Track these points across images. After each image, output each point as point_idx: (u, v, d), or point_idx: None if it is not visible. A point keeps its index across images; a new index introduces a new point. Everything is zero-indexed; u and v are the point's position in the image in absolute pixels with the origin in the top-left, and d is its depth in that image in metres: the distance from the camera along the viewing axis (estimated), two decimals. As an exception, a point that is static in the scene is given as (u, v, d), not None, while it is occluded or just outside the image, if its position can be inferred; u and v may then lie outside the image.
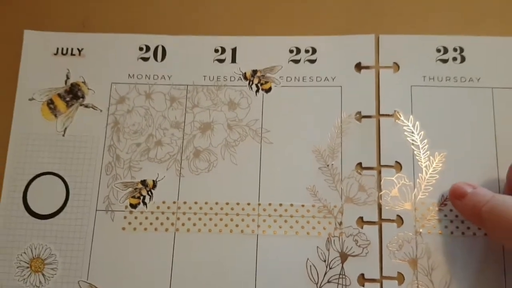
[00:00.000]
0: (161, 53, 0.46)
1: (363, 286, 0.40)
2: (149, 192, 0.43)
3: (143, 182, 0.43)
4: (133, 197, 0.43)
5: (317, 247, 0.41)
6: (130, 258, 0.42)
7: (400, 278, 0.40)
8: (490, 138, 0.42)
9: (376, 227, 0.41)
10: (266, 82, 0.45)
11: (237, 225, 0.42)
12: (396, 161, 0.42)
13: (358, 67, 0.45)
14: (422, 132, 0.43)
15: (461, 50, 0.45)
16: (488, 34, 0.45)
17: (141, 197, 0.43)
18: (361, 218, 0.41)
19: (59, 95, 0.46)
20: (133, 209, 0.43)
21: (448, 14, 0.46)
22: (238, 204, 0.42)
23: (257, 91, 0.45)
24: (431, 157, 0.42)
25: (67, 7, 0.48)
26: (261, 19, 0.47)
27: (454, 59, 0.44)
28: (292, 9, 0.47)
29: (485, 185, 0.41)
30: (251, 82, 0.45)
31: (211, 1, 0.48)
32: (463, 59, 0.44)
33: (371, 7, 0.47)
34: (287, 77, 0.45)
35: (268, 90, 0.45)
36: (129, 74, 0.46)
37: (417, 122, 0.43)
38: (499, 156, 0.42)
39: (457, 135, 0.43)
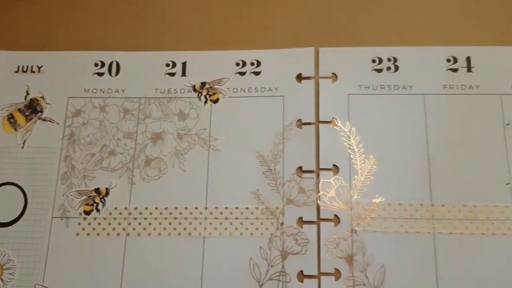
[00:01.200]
0: (115, 68, 0.50)
1: (302, 282, 0.43)
2: (102, 200, 0.46)
3: (97, 190, 0.46)
4: (87, 204, 0.46)
5: (260, 246, 0.44)
6: (84, 262, 0.44)
7: (337, 274, 0.43)
8: (422, 141, 0.46)
9: (315, 226, 0.44)
10: (214, 94, 0.49)
11: (185, 228, 0.45)
12: (334, 165, 0.46)
13: (299, 77, 0.49)
14: (358, 137, 0.46)
15: (395, 60, 0.48)
16: (419, 44, 0.49)
17: (95, 204, 0.46)
18: (301, 218, 0.44)
19: (19, 110, 0.49)
20: (87, 216, 0.46)
21: (383, 27, 0.50)
22: (186, 208, 0.45)
23: (206, 102, 0.48)
24: (366, 160, 0.46)
25: (28, 27, 0.52)
26: (209, 35, 0.51)
27: (388, 68, 0.48)
28: (238, 25, 0.51)
29: (417, 185, 0.44)
30: (200, 94, 0.49)
31: (162, 19, 0.52)
32: (396, 68, 0.48)
33: (311, 22, 0.50)
34: (233, 89, 0.49)
35: (216, 101, 0.48)
36: (85, 89, 0.49)
37: (353, 128, 0.47)
38: (430, 159, 0.45)
39: (390, 140, 0.46)
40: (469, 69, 0.48)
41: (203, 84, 0.49)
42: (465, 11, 0.50)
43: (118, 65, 0.50)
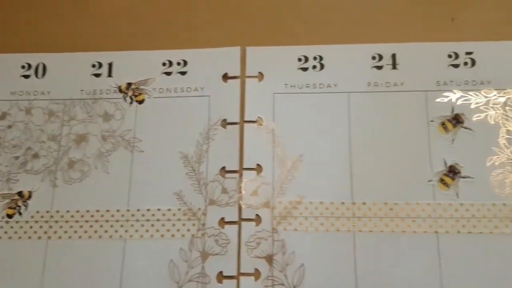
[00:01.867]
0: (41, 70, 0.50)
1: (221, 283, 0.43)
2: (25, 203, 0.46)
3: (20, 193, 0.46)
4: (10, 208, 0.46)
5: (181, 248, 0.44)
6: (5, 265, 0.44)
7: (257, 274, 0.43)
8: (345, 140, 0.46)
9: (236, 226, 0.44)
10: (139, 94, 0.49)
11: (106, 231, 0.45)
12: (258, 164, 0.46)
13: (225, 77, 0.48)
14: (282, 136, 0.47)
15: (321, 58, 0.49)
16: (345, 42, 0.49)
17: (17, 208, 0.46)
18: (223, 219, 0.44)
19: None
20: (9, 219, 0.45)
21: (309, 26, 0.50)
22: (108, 211, 0.45)
23: (131, 103, 0.48)
24: (289, 159, 0.46)
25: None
26: (136, 35, 0.51)
27: (314, 67, 0.48)
28: (165, 25, 0.51)
29: (338, 184, 0.44)
30: (125, 95, 0.49)
31: (89, 19, 0.51)
32: (322, 67, 0.48)
33: (239, 21, 0.50)
34: (159, 89, 0.49)
35: (141, 102, 0.48)
36: (11, 91, 0.49)
37: (278, 127, 0.47)
38: (353, 156, 0.46)
39: (314, 138, 0.46)
40: (394, 66, 0.48)
41: (129, 84, 0.49)
42: (390, 8, 0.50)
43: (44, 67, 0.50)
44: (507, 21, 0.48)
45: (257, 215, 0.45)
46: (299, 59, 0.49)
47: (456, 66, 0.47)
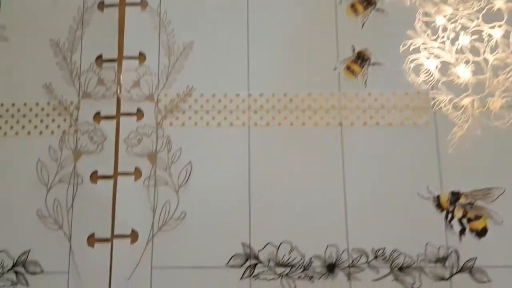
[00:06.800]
0: None
1: (96, 183, 0.39)
2: None
3: None
4: None
5: (50, 146, 0.40)
6: None
7: (137, 173, 0.39)
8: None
9: (114, 121, 0.40)
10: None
11: (-39, 128, 0.40)
12: (140, 52, 0.41)
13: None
14: (171, 21, 0.42)
15: None
16: None
17: None
18: (99, 113, 0.40)
19: None
20: None
21: None
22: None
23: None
24: (178, 46, 0.41)
25: None
26: None
27: None
28: None
29: (234, 73, 0.41)
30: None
31: None
32: None
33: None
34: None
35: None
36: None
37: (166, 10, 0.42)
38: (250, 42, 0.41)
39: (209, 23, 0.42)
40: None
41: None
42: None
43: None
44: None
45: (138, 109, 0.40)
46: None
47: None
